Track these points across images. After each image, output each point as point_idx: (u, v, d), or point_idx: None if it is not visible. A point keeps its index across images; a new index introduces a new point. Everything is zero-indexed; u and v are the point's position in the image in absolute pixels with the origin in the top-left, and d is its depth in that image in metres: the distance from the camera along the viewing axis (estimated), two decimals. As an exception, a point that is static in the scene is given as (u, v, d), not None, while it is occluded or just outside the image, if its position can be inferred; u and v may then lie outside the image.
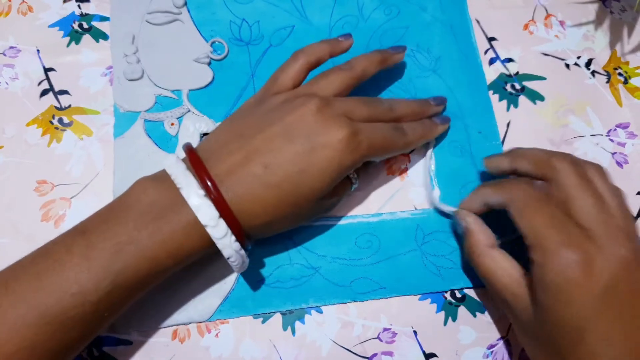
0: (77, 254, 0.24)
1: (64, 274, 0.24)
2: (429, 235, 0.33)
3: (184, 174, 0.26)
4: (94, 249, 0.24)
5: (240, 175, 0.26)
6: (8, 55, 0.36)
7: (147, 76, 0.35)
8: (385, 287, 0.32)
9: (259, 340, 0.30)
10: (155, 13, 0.36)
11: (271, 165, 0.26)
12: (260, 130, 0.27)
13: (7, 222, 0.32)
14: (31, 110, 0.34)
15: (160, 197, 0.25)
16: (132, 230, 0.25)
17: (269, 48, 0.37)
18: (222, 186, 0.26)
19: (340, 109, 0.28)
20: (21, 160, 0.33)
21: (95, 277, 0.24)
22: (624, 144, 0.37)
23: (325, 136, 0.26)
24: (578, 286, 0.24)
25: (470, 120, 0.36)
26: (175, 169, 0.26)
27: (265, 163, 0.26)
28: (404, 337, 0.31)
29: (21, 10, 0.37)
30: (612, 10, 0.40)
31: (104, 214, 0.26)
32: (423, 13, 0.39)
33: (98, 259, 0.24)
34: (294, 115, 0.27)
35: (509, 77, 0.38)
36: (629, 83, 0.38)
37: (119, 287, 0.24)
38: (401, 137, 0.30)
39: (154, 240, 0.25)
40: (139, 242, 0.24)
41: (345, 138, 0.27)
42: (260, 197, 0.26)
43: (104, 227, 0.25)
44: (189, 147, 0.28)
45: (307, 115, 0.27)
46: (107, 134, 0.34)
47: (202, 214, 0.25)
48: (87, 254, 0.24)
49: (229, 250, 0.26)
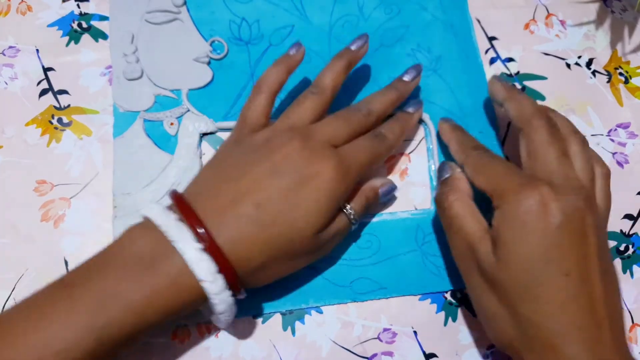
0: (61, 309, 0.23)
1: (48, 331, 0.23)
2: (430, 236, 0.33)
3: (176, 226, 0.25)
4: (77, 304, 0.23)
5: (232, 218, 0.25)
6: (7, 54, 0.36)
7: (146, 76, 0.35)
8: (385, 287, 0.32)
9: (259, 341, 0.30)
10: (154, 12, 0.36)
11: (263, 204, 0.26)
12: (246, 171, 0.27)
13: (6, 222, 0.32)
14: (30, 110, 0.34)
15: (148, 249, 0.25)
16: (118, 285, 0.24)
17: (269, 47, 0.37)
18: (214, 232, 0.25)
19: (322, 138, 0.28)
20: (20, 160, 0.33)
21: (79, 334, 0.23)
22: (625, 143, 0.37)
23: (313, 169, 0.27)
24: (536, 219, 0.25)
25: (470, 120, 0.36)
26: (164, 220, 0.25)
27: (256, 202, 0.26)
28: (404, 338, 0.31)
29: (20, 9, 0.37)
30: (613, 9, 0.40)
31: (91, 265, 0.25)
32: (423, 12, 0.39)
33: (82, 314, 0.23)
34: (279, 154, 0.27)
35: (509, 77, 0.38)
36: (629, 83, 0.38)
37: (103, 344, 0.23)
38: (382, 143, 0.30)
39: (141, 295, 0.24)
40: (124, 297, 0.24)
41: (334, 168, 0.27)
42: (254, 237, 0.26)
43: (89, 281, 0.24)
44: (175, 194, 0.27)
45: (292, 152, 0.27)
46: (107, 133, 0.34)
47: (200, 269, 0.24)
48: (71, 308, 0.23)
49: (223, 306, 0.25)
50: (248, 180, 0.26)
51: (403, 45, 0.37)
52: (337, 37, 0.37)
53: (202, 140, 0.34)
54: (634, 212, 0.35)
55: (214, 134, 0.35)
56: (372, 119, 0.31)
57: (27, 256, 0.31)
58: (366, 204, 0.30)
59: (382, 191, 0.31)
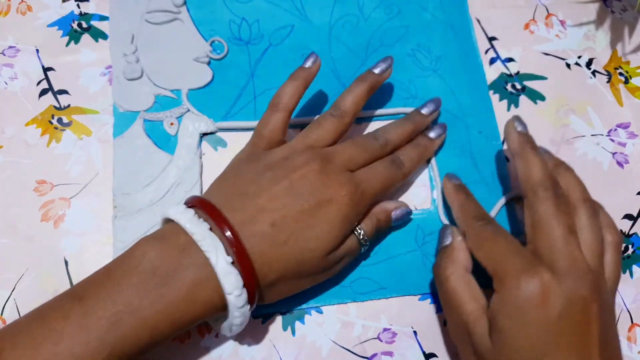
0: (74, 322, 0.23)
1: (60, 345, 0.22)
2: (429, 236, 0.33)
3: (210, 237, 0.25)
4: (91, 318, 0.23)
5: (248, 234, 0.25)
6: (7, 54, 0.36)
7: (146, 76, 0.35)
8: (385, 287, 0.32)
9: (259, 341, 0.30)
10: (154, 12, 0.36)
11: (278, 223, 0.26)
12: (264, 188, 0.27)
13: (6, 222, 0.32)
14: (30, 110, 0.34)
15: (161, 262, 0.24)
16: (132, 299, 0.23)
17: (269, 47, 0.37)
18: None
19: (340, 162, 0.29)
20: (20, 160, 0.33)
21: (92, 348, 0.23)
22: (625, 143, 0.37)
23: (329, 194, 0.27)
24: (536, 308, 0.24)
25: (470, 120, 0.36)
26: (197, 228, 0.25)
27: (272, 221, 0.26)
28: (404, 337, 0.31)
29: (20, 9, 0.37)
30: (613, 9, 0.40)
31: (103, 277, 0.25)
32: (423, 12, 0.39)
33: (95, 330, 0.23)
34: (297, 174, 0.27)
35: (509, 77, 0.38)
36: (629, 83, 0.38)
37: (116, 358, 0.23)
38: (399, 170, 0.31)
39: (156, 309, 0.24)
40: (139, 311, 0.23)
41: (349, 193, 0.27)
42: (268, 255, 0.26)
43: (102, 294, 0.24)
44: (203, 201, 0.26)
45: (310, 174, 0.27)
46: (107, 133, 0.34)
47: (229, 282, 0.24)
48: (84, 323, 0.23)
49: (241, 319, 0.25)
50: (266, 198, 0.27)
51: (403, 45, 0.37)
52: (337, 37, 0.37)
53: (202, 140, 0.34)
54: (634, 212, 0.35)
55: (214, 134, 0.35)
56: (388, 149, 0.31)
57: (27, 256, 0.31)
58: (377, 226, 0.30)
59: (394, 215, 0.31)
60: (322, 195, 0.27)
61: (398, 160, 0.31)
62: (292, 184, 0.27)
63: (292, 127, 0.34)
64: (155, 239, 0.25)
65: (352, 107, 0.31)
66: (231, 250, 0.25)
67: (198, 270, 0.24)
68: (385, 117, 0.36)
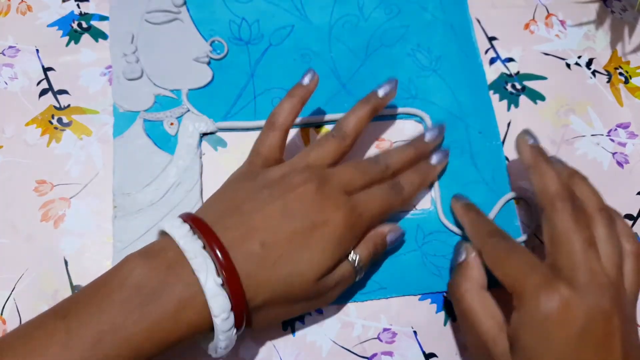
0: (57, 342, 0.22)
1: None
2: (429, 236, 0.33)
3: (202, 255, 0.24)
4: (73, 338, 0.22)
5: (237, 253, 0.25)
6: (7, 54, 0.36)
7: (146, 76, 0.35)
8: (385, 287, 0.32)
9: (259, 341, 0.30)
10: (154, 12, 0.36)
11: (268, 244, 0.25)
12: (258, 208, 0.26)
13: (6, 222, 0.32)
14: (30, 110, 0.34)
15: (148, 279, 0.24)
16: (116, 317, 0.23)
17: (269, 47, 0.37)
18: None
19: (338, 184, 0.28)
20: (20, 160, 0.33)
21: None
22: (625, 143, 0.37)
23: (324, 216, 0.27)
24: (557, 324, 0.24)
25: (470, 120, 0.36)
26: (191, 246, 0.24)
27: (262, 241, 0.25)
28: (404, 337, 0.31)
29: (20, 9, 0.37)
30: (613, 9, 0.40)
31: (87, 296, 0.24)
32: (423, 12, 0.39)
33: (78, 350, 0.22)
34: (293, 194, 0.27)
35: (509, 77, 0.38)
36: (629, 83, 0.38)
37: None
38: (398, 195, 0.30)
39: (140, 328, 0.23)
40: (122, 330, 0.23)
41: (344, 217, 0.27)
42: (255, 276, 0.25)
43: (86, 313, 0.23)
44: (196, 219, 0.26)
45: (306, 194, 0.27)
46: (107, 133, 0.34)
47: (217, 304, 0.23)
48: (66, 342, 0.22)
49: (226, 342, 0.25)
50: (259, 218, 0.26)
51: (403, 45, 0.37)
52: (337, 37, 0.37)
53: (202, 140, 0.34)
54: (634, 212, 0.35)
55: (214, 134, 0.35)
56: (389, 173, 0.31)
57: (27, 256, 0.31)
58: (374, 251, 0.29)
59: (389, 239, 0.30)
60: (316, 217, 0.26)
61: (398, 185, 0.31)
62: (287, 204, 0.26)
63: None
64: (143, 255, 0.25)
65: (354, 129, 0.31)
66: (221, 271, 0.24)
67: (185, 289, 0.24)
68: (385, 118, 0.36)
